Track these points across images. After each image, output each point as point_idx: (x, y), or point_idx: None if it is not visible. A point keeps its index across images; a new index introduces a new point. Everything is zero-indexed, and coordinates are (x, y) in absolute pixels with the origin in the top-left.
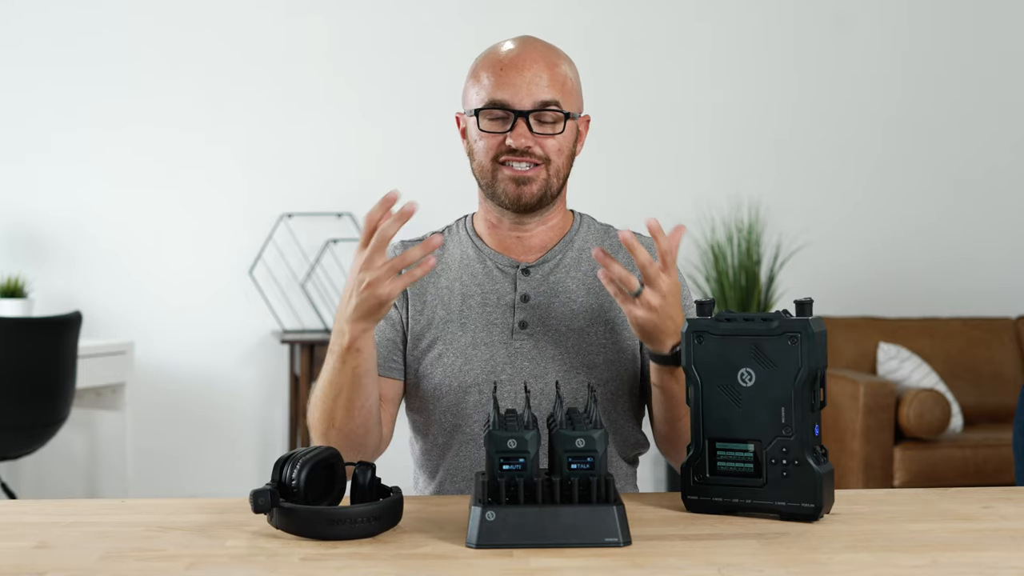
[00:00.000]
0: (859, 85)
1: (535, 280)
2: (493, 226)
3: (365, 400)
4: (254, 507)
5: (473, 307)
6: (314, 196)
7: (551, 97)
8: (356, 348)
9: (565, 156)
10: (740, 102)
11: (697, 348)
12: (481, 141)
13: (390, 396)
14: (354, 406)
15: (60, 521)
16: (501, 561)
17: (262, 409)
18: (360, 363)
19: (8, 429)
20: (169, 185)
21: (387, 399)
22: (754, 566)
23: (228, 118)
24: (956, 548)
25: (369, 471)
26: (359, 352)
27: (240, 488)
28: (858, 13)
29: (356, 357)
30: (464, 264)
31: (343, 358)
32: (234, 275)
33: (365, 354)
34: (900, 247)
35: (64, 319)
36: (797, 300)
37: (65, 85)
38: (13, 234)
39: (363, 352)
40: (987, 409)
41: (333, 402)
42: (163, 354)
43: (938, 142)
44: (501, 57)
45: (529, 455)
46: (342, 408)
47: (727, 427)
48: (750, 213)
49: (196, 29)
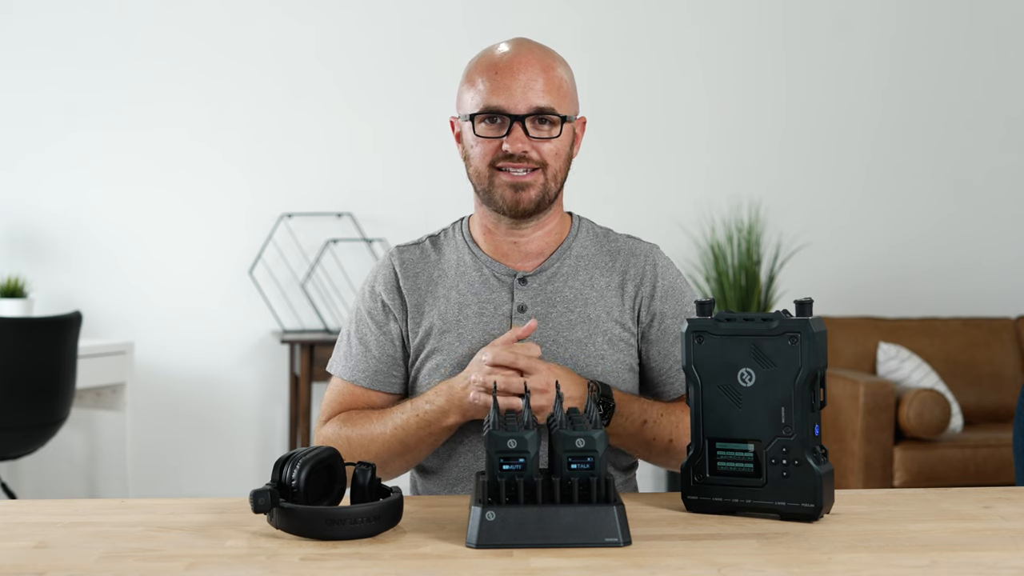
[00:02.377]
0: (858, 85)
1: (532, 290)
2: (489, 231)
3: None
4: (254, 507)
5: (470, 317)
6: (314, 196)
7: (546, 102)
8: (449, 429)
9: (562, 160)
10: (740, 102)
11: (697, 348)
12: (477, 147)
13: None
14: (409, 465)
15: (60, 521)
16: (501, 561)
17: (262, 409)
18: (438, 440)
19: (8, 429)
20: (169, 185)
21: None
22: (754, 566)
23: (228, 118)
24: (956, 548)
25: (369, 471)
26: (449, 430)
27: (240, 488)
28: (859, 14)
29: (444, 435)
30: (460, 271)
31: (431, 431)
32: (234, 275)
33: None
34: (900, 247)
35: (64, 319)
36: (797, 300)
37: (65, 86)
38: (13, 234)
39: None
40: (987, 409)
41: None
42: (163, 354)
43: (938, 142)
44: (495, 61)
45: (529, 455)
46: (399, 463)
47: (727, 427)
48: (750, 213)
49: (196, 30)
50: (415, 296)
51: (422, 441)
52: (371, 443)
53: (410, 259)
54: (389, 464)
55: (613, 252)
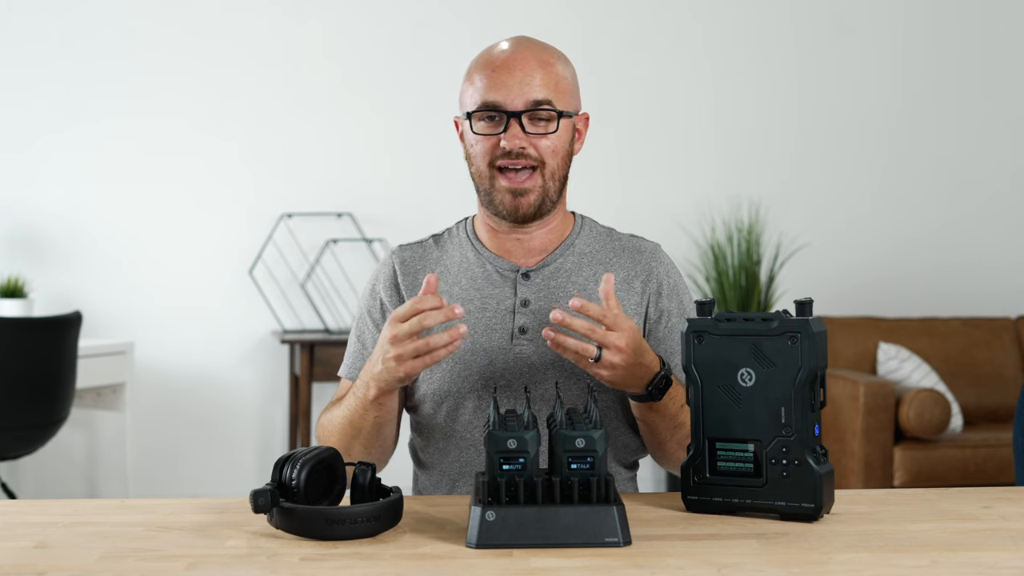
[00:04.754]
0: (859, 85)
1: (535, 285)
2: (493, 230)
3: (383, 443)
4: (254, 507)
5: (473, 312)
6: (314, 196)
7: (543, 96)
8: (381, 402)
9: (560, 157)
10: (740, 102)
11: (697, 348)
12: (477, 145)
13: (388, 406)
14: (372, 447)
15: (60, 521)
16: (501, 561)
17: (262, 409)
18: (381, 415)
19: (8, 429)
20: (169, 186)
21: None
22: (754, 566)
23: (228, 119)
24: (956, 548)
25: (369, 471)
26: (381, 406)
27: (240, 488)
28: (859, 14)
29: (378, 409)
30: (463, 268)
31: (365, 407)
32: (234, 275)
33: (387, 408)
34: (900, 247)
35: (64, 319)
36: (797, 300)
37: (66, 87)
38: (13, 234)
39: (385, 406)
40: (987, 409)
41: (351, 440)
42: (163, 354)
43: (938, 142)
44: (493, 58)
45: (529, 455)
46: (360, 447)
47: (727, 427)
48: (750, 213)
49: (195, 30)
50: (414, 292)
51: (363, 419)
52: (334, 428)
53: (410, 258)
54: (351, 448)
55: (617, 250)
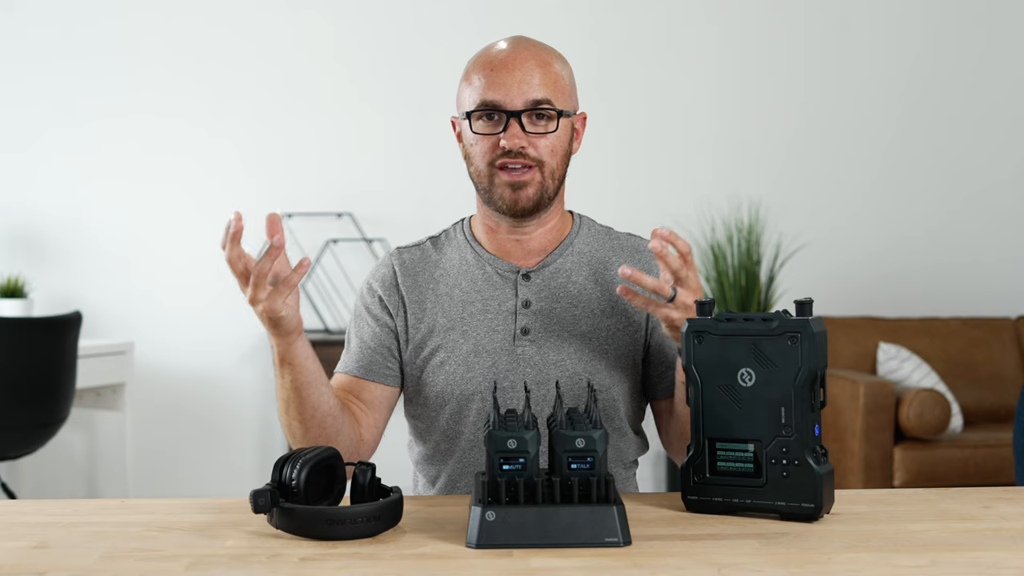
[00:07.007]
0: (859, 85)
1: (536, 285)
2: (491, 230)
3: (314, 409)
4: (254, 507)
5: (474, 314)
6: (314, 196)
7: (542, 95)
8: (287, 362)
9: (559, 156)
10: (741, 103)
11: (697, 348)
12: (476, 145)
13: (377, 401)
14: (304, 416)
15: (60, 521)
16: (501, 561)
17: (262, 409)
18: (296, 375)
19: (8, 429)
20: (169, 186)
21: (373, 404)
22: (754, 566)
23: (228, 119)
24: (956, 548)
25: (369, 471)
26: (292, 365)
27: (240, 488)
28: (859, 14)
29: (291, 371)
30: (463, 270)
31: (280, 373)
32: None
33: (299, 366)
34: (900, 247)
35: (64, 319)
36: (797, 300)
37: (66, 87)
38: (13, 234)
39: (296, 364)
40: (987, 409)
41: (287, 415)
42: (163, 354)
43: (938, 142)
44: (492, 58)
45: (529, 455)
46: (295, 420)
47: (727, 427)
48: (750, 213)
49: (196, 29)
50: (415, 294)
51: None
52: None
53: (410, 259)
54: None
55: (616, 248)
